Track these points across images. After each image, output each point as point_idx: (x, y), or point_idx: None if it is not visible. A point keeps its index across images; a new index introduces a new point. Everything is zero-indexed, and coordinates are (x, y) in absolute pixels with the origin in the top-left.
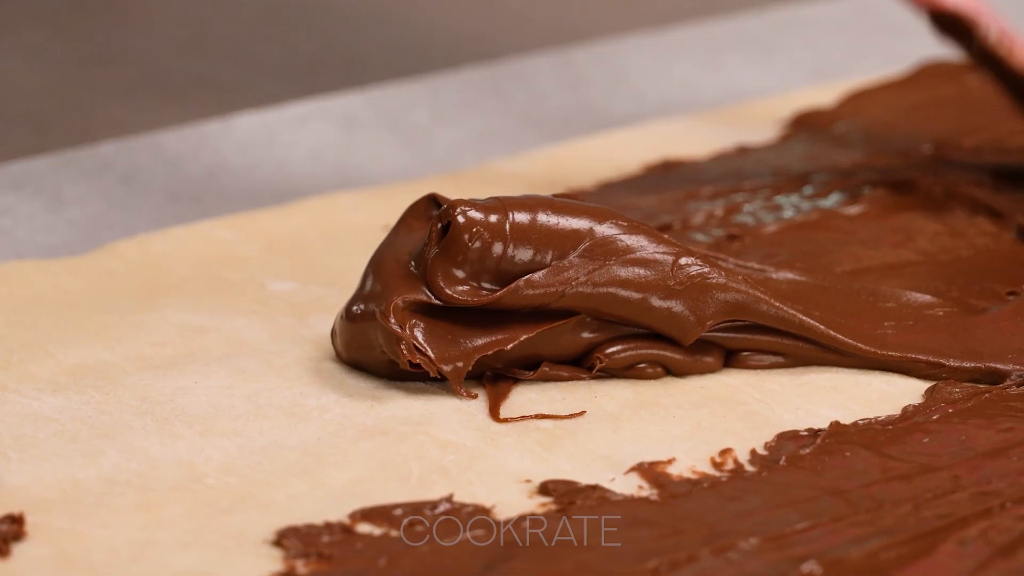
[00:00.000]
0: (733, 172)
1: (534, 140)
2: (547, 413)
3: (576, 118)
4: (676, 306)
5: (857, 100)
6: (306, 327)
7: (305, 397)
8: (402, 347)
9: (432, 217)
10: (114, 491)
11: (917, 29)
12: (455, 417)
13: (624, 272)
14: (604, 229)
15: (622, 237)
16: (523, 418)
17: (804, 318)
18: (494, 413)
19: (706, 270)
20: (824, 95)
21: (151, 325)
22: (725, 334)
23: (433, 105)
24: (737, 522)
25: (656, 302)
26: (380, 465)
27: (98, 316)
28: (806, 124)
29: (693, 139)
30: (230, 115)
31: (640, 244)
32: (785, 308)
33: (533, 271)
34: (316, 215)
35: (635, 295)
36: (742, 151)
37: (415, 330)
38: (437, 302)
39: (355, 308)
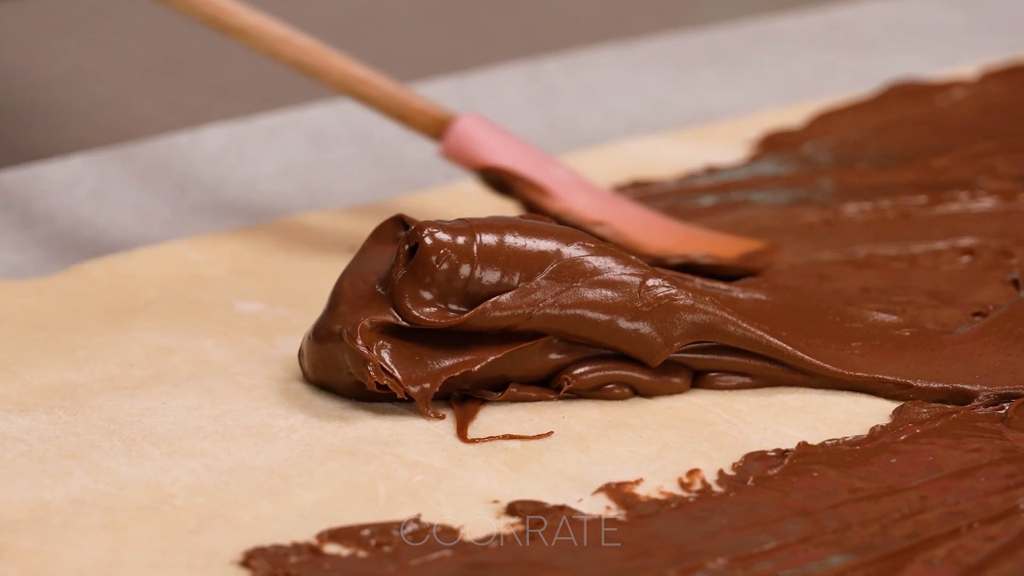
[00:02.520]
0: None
1: None
2: (515, 434)
3: (545, 133)
4: (643, 327)
5: (825, 120)
6: (274, 348)
7: (273, 418)
8: (369, 369)
9: (399, 238)
10: (82, 512)
11: (887, 45)
12: (423, 438)
13: (591, 294)
14: (571, 251)
15: (589, 259)
16: (491, 438)
17: (771, 339)
18: (462, 434)
19: (673, 291)
20: (793, 115)
21: (119, 346)
22: (693, 355)
23: None
24: (705, 543)
25: (623, 324)
26: (348, 486)
27: (66, 337)
28: (774, 144)
29: (661, 158)
30: (200, 127)
31: (607, 265)
32: (752, 329)
33: (500, 293)
34: (284, 236)
35: (602, 317)
36: (711, 171)
37: (382, 351)
38: (404, 323)
39: (322, 329)
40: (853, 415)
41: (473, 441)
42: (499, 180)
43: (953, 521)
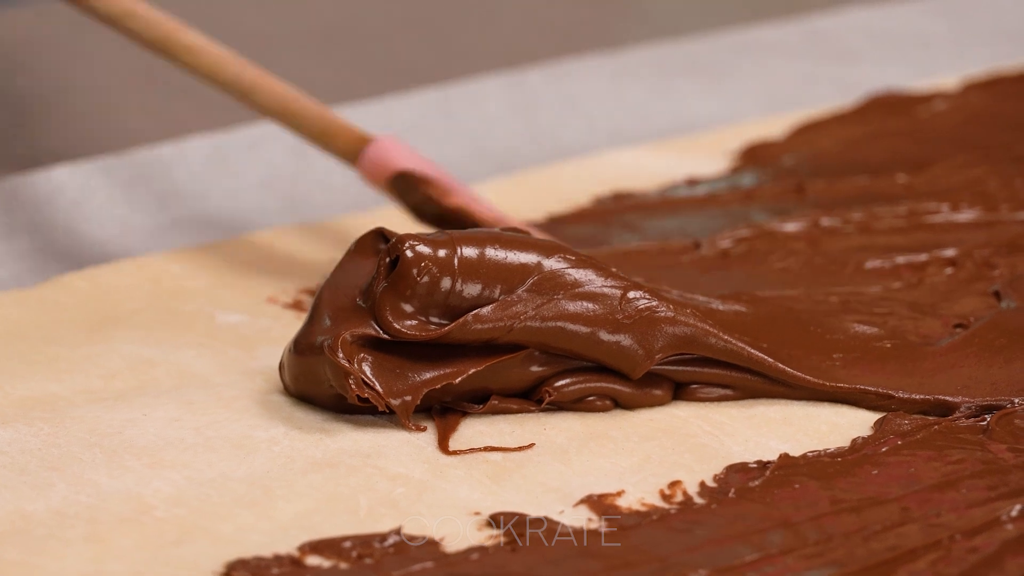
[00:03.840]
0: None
1: (484, 167)
2: (496, 446)
3: (526, 144)
4: (624, 340)
5: (806, 132)
6: (255, 359)
7: (254, 429)
8: (350, 382)
9: (380, 251)
10: (64, 523)
11: (869, 55)
12: (404, 450)
13: (572, 306)
14: (552, 263)
15: (570, 271)
16: (472, 450)
17: (752, 351)
18: (443, 446)
19: (654, 303)
20: (774, 126)
21: (100, 358)
22: (674, 367)
23: (385, 130)
24: (686, 554)
25: (605, 336)
26: (329, 498)
27: (47, 348)
28: (755, 156)
29: (643, 169)
30: (183, 138)
31: (588, 278)
32: (733, 341)
33: (482, 305)
34: (265, 248)
35: (583, 329)
36: (692, 182)
37: (363, 364)
38: (385, 336)
39: (303, 342)
40: (835, 427)
41: (454, 453)
42: (407, 187)
43: (935, 533)
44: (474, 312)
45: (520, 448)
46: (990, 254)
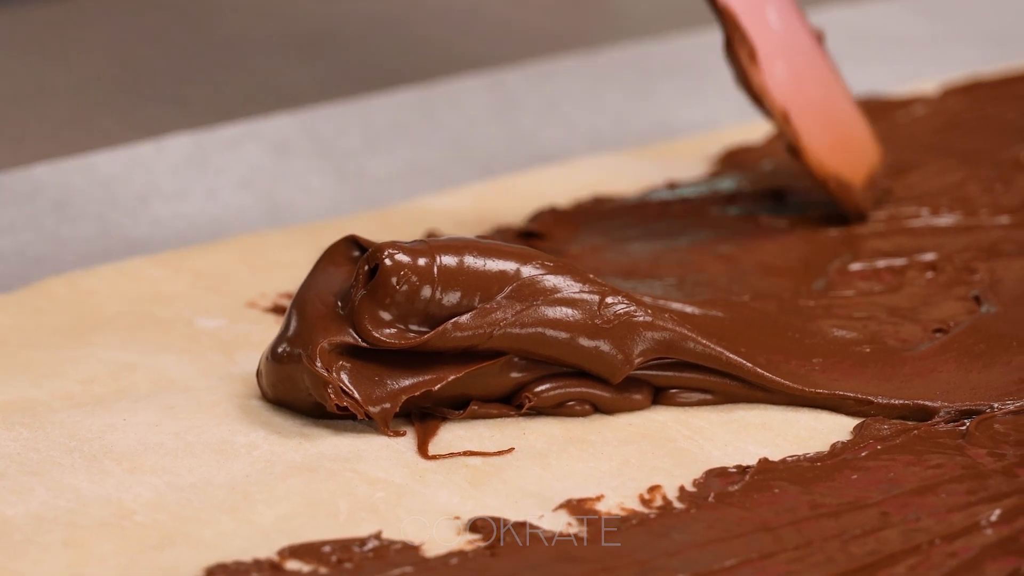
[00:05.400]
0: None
1: (463, 171)
2: (476, 450)
3: (506, 146)
4: (603, 345)
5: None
6: (234, 364)
7: (234, 434)
8: (329, 391)
9: (352, 259)
10: (43, 528)
11: (849, 59)
12: (384, 454)
13: (551, 312)
14: (529, 270)
15: (548, 277)
16: (452, 455)
17: (731, 355)
18: (423, 450)
19: (632, 308)
20: (754, 131)
21: (79, 362)
22: (653, 372)
23: (365, 131)
24: (666, 559)
25: (584, 342)
26: (309, 502)
27: (26, 353)
28: (735, 161)
29: (623, 175)
30: (162, 137)
31: (566, 284)
32: (712, 345)
33: (461, 313)
34: (244, 252)
35: (563, 335)
36: (671, 186)
37: (341, 373)
38: (364, 344)
39: (280, 349)
40: (814, 431)
41: (434, 458)
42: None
43: (914, 537)
44: (453, 320)
45: (500, 452)
46: (970, 259)
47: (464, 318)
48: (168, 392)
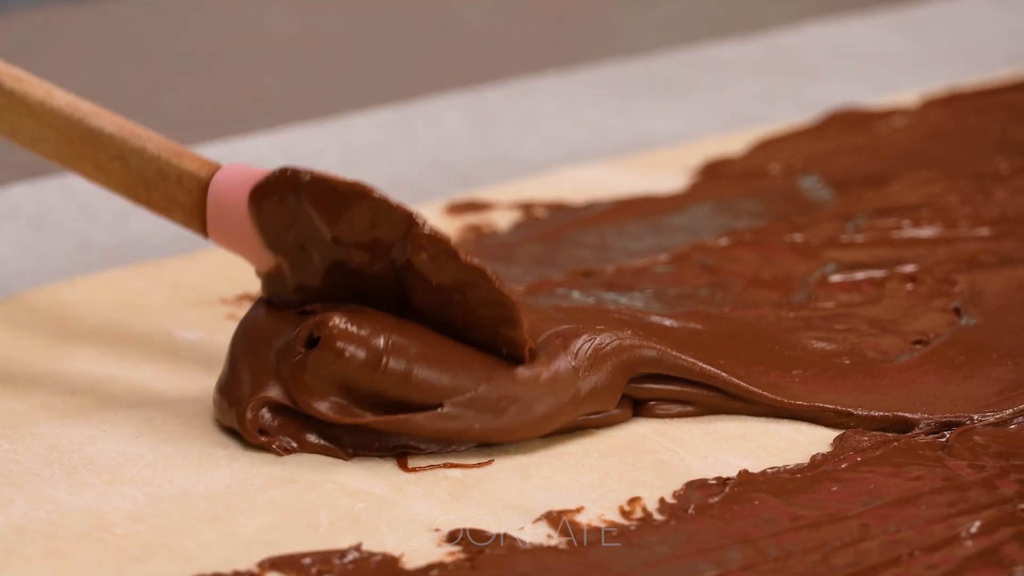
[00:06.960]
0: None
1: (443, 185)
2: (456, 462)
3: (486, 162)
4: (586, 403)
5: (766, 148)
6: (214, 376)
7: (214, 446)
8: (273, 447)
9: (299, 319)
10: (23, 539)
11: (828, 72)
12: (364, 465)
13: (527, 396)
14: (485, 360)
15: (512, 370)
16: (432, 467)
17: (711, 368)
18: (403, 462)
19: (597, 340)
20: (734, 142)
21: (59, 374)
22: (634, 384)
23: (343, 149)
24: (646, 571)
25: (571, 412)
26: (289, 513)
27: (6, 365)
28: (716, 172)
29: (603, 186)
30: None
31: (538, 366)
32: (688, 358)
33: (411, 388)
34: (224, 264)
35: (549, 422)
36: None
37: (282, 431)
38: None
39: (224, 390)
40: (794, 443)
41: (414, 470)
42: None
43: (895, 549)
44: (408, 417)
45: (480, 464)
46: (950, 270)
47: (422, 419)
48: (148, 404)
